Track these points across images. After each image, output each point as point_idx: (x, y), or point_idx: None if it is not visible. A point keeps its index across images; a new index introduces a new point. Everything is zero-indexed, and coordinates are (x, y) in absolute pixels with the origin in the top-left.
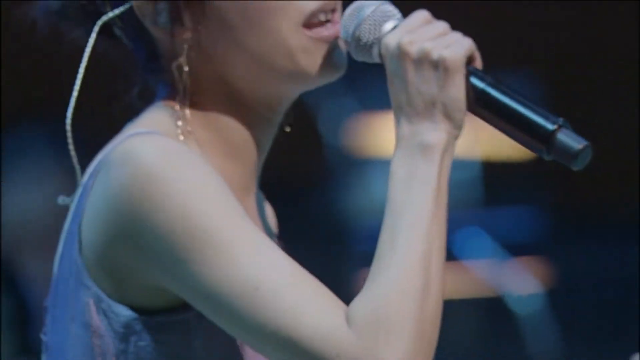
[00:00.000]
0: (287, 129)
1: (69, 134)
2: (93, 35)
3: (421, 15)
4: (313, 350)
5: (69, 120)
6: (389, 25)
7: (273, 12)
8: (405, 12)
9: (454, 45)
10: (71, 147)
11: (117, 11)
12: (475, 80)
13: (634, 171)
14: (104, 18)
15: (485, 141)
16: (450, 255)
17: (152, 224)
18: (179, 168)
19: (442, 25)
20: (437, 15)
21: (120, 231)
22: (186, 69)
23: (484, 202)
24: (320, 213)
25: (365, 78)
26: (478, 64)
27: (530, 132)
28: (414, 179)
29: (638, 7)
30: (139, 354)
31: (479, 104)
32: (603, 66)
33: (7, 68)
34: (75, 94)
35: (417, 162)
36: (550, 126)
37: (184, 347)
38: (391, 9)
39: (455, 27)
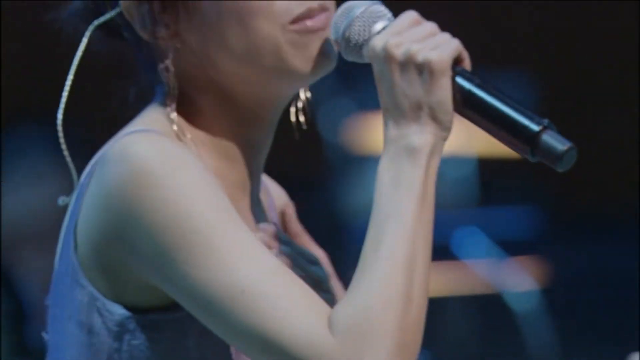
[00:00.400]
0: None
1: (61, 135)
2: (84, 40)
3: (410, 16)
4: (295, 355)
5: (59, 122)
6: (378, 26)
7: (256, 14)
8: (398, 13)
9: (440, 47)
10: (64, 146)
11: (108, 15)
12: (462, 82)
13: (632, 170)
14: (95, 22)
15: (482, 139)
16: (448, 254)
17: (144, 222)
18: (173, 167)
19: (430, 27)
20: (433, 15)
21: (114, 229)
22: (172, 70)
23: (481, 200)
24: (320, 211)
25: (365, 76)
26: (467, 64)
27: (515, 133)
28: (399, 182)
29: (638, 7)
30: (133, 352)
31: (466, 105)
32: (603, 65)
33: (7, 68)
34: (65, 94)
35: (403, 165)
36: (535, 127)
37: (177, 345)
38: (382, 9)
39: (452, 27)
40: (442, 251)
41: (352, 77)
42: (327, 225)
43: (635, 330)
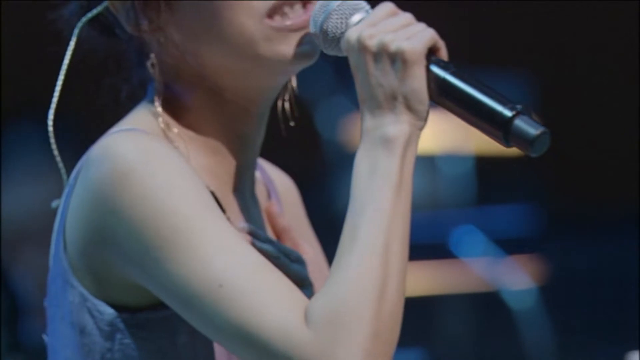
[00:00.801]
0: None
1: (51, 135)
2: (73, 38)
3: (386, 7)
4: (272, 348)
5: (50, 122)
6: (355, 19)
7: (232, 7)
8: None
9: (414, 37)
10: (54, 146)
11: (94, 11)
12: (436, 70)
13: (630, 168)
14: (83, 19)
15: (480, 137)
16: (446, 252)
17: (125, 221)
18: (155, 166)
19: (405, 17)
20: (433, 15)
21: (97, 229)
22: (156, 63)
23: (479, 198)
24: (318, 209)
25: None
26: (443, 54)
27: (489, 119)
28: (375, 172)
29: (638, 7)
30: (125, 351)
31: (442, 94)
32: (604, 65)
33: (7, 68)
34: (56, 94)
35: (379, 155)
36: (508, 112)
37: (168, 343)
38: (359, 2)
39: (452, 27)
40: (440, 249)
41: (350, 75)
42: (325, 223)
43: (634, 330)
